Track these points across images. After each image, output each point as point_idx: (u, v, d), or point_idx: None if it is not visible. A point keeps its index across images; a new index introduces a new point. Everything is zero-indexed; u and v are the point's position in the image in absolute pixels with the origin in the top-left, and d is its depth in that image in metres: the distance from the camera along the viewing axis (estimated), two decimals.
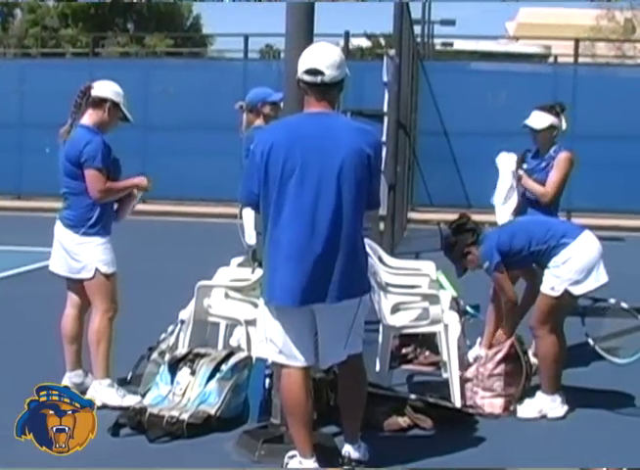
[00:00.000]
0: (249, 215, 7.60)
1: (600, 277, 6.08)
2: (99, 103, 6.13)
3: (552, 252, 6.07)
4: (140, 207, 6.37)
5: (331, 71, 4.90)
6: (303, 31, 5.53)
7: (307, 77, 4.91)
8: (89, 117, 6.14)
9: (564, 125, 7.33)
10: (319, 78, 4.89)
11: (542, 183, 7.25)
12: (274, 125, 5.18)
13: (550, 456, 5.46)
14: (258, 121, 7.83)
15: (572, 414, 6.17)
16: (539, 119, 7.29)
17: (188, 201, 20.39)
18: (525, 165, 7.40)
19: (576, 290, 6.05)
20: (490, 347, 6.54)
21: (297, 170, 4.80)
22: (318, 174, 4.80)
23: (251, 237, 7.77)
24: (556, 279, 6.04)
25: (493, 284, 6.60)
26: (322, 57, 4.92)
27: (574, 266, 6.03)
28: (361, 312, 4.99)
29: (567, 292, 6.03)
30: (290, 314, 4.93)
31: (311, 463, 4.99)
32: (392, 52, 11.27)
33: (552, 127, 7.29)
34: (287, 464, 5.07)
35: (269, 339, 5.01)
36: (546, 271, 6.11)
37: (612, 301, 6.44)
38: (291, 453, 5.10)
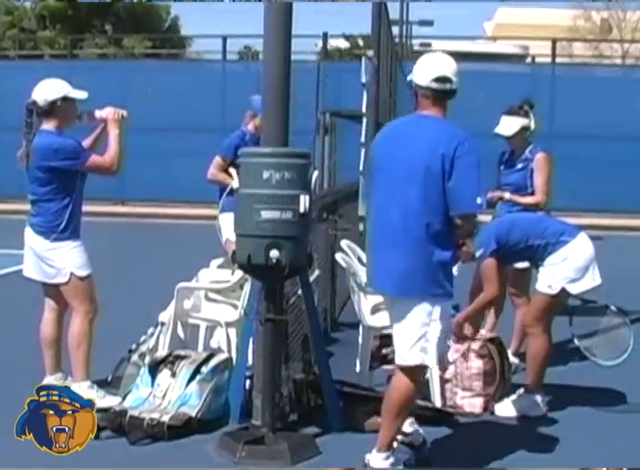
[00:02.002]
0: (225, 218, 7.66)
1: (595, 277, 6.16)
2: (51, 108, 6.06)
3: (550, 248, 6.11)
4: (119, 208, 6.37)
5: (456, 80, 5.06)
6: (282, 32, 5.54)
7: (436, 85, 5.01)
8: (49, 124, 6.08)
9: (532, 124, 7.35)
10: (448, 86, 5.03)
11: (520, 185, 7.28)
12: (387, 125, 5.36)
13: (530, 454, 5.48)
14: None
15: (557, 413, 6.21)
16: (509, 125, 7.32)
17: (167, 202, 20.36)
18: (502, 168, 7.44)
19: (573, 288, 6.10)
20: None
21: (381, 167, 5.02)
22: (394, 172, 4.94)
23: (224, 233, 7.82)
24: (553, 277, 6.08)
25: (475, 278, 6.62)
26: (449, 66, 5.07)
27: (573, 265, 6.08)
28: (436, 323, 4.91)
29: (563, 290, 6.08)
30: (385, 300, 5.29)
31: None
32: (371, 53, 11.27)
33: (523, 129, 7.33)
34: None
35: None
36: (542, 270, 6.15)
37: (602, 303, 6.49)
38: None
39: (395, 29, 22.95)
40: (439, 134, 4.94)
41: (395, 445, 5.12)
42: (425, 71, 5.05)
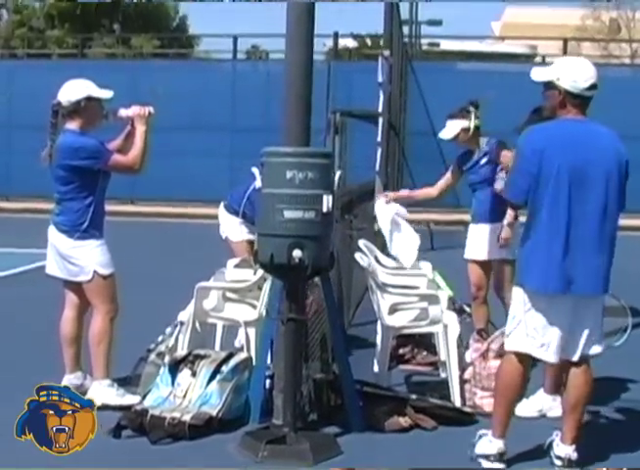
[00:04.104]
0: (226, 215, 7.73)
1: None
2: (74, 109, 6.06)
3: None
4: (128, 208, 6.39)
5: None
6: (304, 31, 5.56)
7: (590, 93, 5.20)
8: (73, 123, 6.09)
9: (472, 124, 7.43)
10: (595, 92, 5.20)
11: (491, 177, 7.35)
12: (543, 128, 5.31)
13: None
14: None
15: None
16: (448, 129, 7.55)
17: (177, 202, 20.37)
18: (464, 168, 7.59)
19: None
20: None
21: (571, 171, 5.05)
22: (590, 175, 5.07)
23: (223, 232, 7.86)
24: None
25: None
26: (595, 72, 5.23)
27: None
28: (603, 310, 5.30)
29: None
30: (558, 304, 5.14)
31: (501, 444, 5.22)
32: (387, 52, 11.27)
33: (462, 130, 7.43)
34: (475, 443, 5.26)
35: (530, 331, 5.18)
36: None
37: None
38: (481, 432, 5.32)
39: (405, 29, 22.96)
40: (613, 140, 5.22)
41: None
42: (579, 80, 5.16)
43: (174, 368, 5.95)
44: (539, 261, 5.12)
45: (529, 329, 5.16)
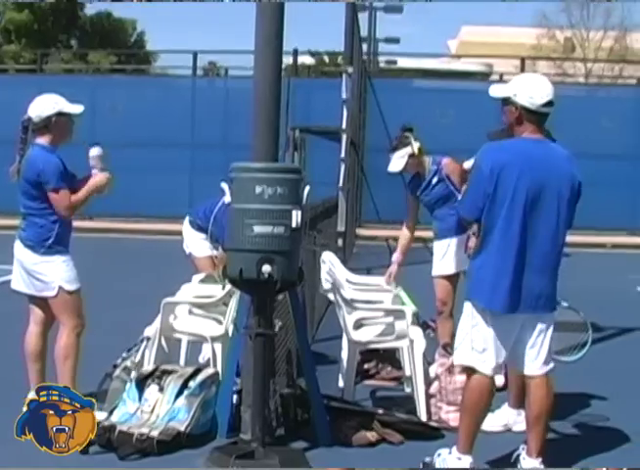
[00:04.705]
0: (187, 229, 7.71)
1: None
2: (45, 124, 6.05)
3: None
4: (87, 224, 6.36)
5: None
6: (273, 46, 5.59)
7: (546, 109, 5.20)
8: (43, 138, 6.08)
9: (415, 148, 7.50)
10: (552, 109, 5.21)
11: (447, 195, 7.44)
12: (502, 146, 5.30)
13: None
14: None
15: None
16: (395, 162, 7.57)
17: (137, 218, 20.31)
18: (418, 193, 7.61)
19: None
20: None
21: (527, 191, 5.09)
22: (544, 196, 5.11)
23: (187, 247, 7.85)
24: None
25: None
26: (552, 89, 5.24)
27: None
28: (551, 326, 5.34)
29: None
30: (504, 322, 5.17)
31: (470, 459, 5.24)
32: (350, 69, 11.31)
33: (410, 157, 7.49)
34: (434, 463, 5.29)
35: (475, 344, 5.21)
36: None
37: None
38: (440, 451, 5.33)
39: (362, 46, 23.12)
40: (568, 161, 5.24)
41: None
42: (535, 96, 5.18)
43: (141, 384, 5.93)
44: (488, 280, 5.15)
45: (475, 343, 5.21)
